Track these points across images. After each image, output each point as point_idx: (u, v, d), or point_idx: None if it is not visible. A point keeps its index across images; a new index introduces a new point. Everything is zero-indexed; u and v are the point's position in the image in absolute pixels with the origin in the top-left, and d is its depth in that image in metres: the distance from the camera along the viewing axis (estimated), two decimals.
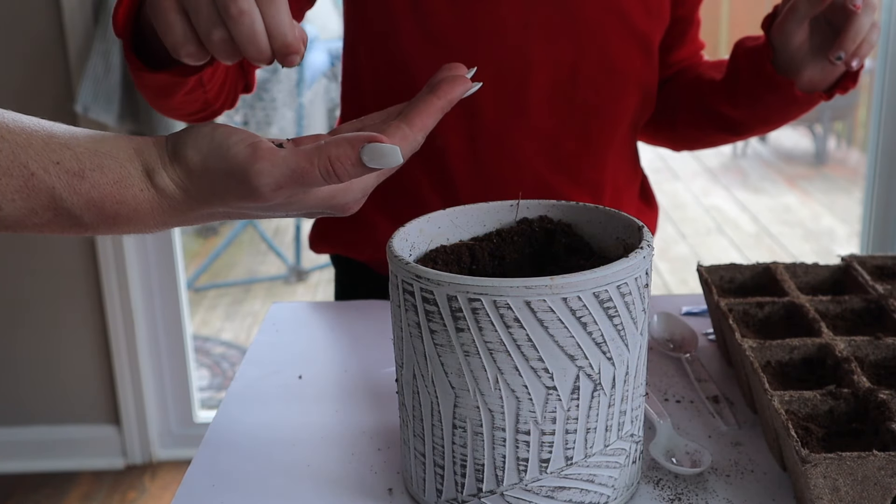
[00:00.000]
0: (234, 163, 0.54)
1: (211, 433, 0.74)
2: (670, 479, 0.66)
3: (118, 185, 0.56)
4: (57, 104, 2.06)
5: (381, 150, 0.53)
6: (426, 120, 0.57)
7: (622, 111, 0.99)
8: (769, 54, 0.89)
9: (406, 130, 0.56)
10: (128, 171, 0.56)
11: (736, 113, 0.98)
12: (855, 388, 0.65)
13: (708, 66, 1.04)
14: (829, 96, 0.91)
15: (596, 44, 0.94)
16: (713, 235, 4.25)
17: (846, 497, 0.58)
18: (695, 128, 1.05)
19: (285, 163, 0.54)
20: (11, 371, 2.26)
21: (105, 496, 2.21)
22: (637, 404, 0.62)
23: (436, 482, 0.62)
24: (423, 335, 0.58)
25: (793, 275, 0.84)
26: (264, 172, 0.54)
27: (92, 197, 0.56)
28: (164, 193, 0.57)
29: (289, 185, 0.54)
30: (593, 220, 0.68)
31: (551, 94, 0.95)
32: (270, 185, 0.54)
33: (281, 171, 0.54)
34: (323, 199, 0.58)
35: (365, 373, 0.83)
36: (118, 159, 0.56)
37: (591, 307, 0.56)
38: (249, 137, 0.56)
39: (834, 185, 5.00)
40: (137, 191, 0.57)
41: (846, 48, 0.82)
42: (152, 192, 0.57)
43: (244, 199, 0.56)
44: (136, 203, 0.57)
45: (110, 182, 0.56)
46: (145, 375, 2.27)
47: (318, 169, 0.53)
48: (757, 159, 5.54)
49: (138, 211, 0.57)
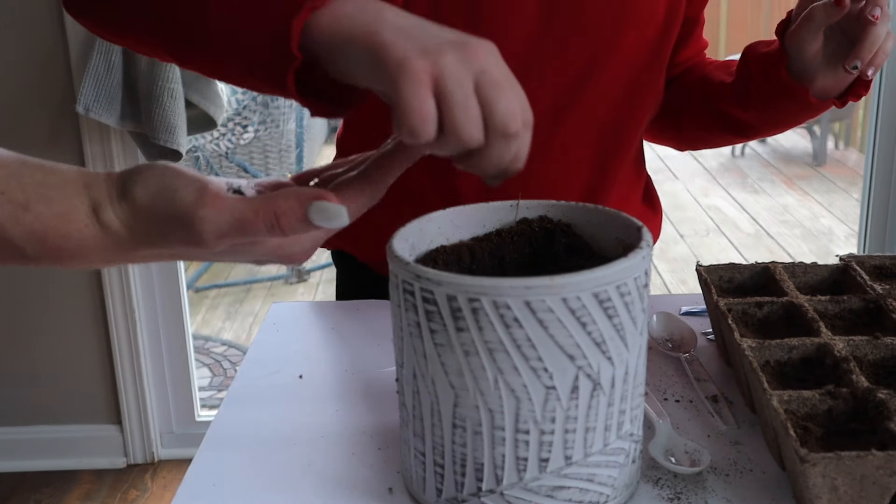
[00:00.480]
0: (180, 206, 0.53)
1: (212, 432, 0.74)
2: (669, 479, 0.67)
3: (62, 218, 0.55)
4: (58, 105, 2.06)
5: (328, 210, 0.52)
6: (388, 175, 0.57)
7: (636, 123, 0.99)
8: (784, 61, 0.89)
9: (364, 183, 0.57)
10: (73, 205, 0.55)
11: (746, 116, 0.98)
12: (853, 387, 0.65)
13: (715, 66, 1.04)
14: (842, 103, 0.91)
15: (611, 53, 0.94)
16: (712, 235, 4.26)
17: (845, 496, 0.58)
18: (701, 128, 1.05)
19: (231, 211, 0.53)
20: (13, 370, 2.26)
21: (106, 495, 2.22)
22: (636, 404, 0.62)
23: (436, 481, 0.62)
24: (423, 335, 0.58)
25: (791, 275, 0.84)
26: (208, 219, 0.53)
27: (35, 229, 0.54)
28: (109, 231, 0.56)
29: (232, 234, 0.53)
30: (593, 220, 0.69)
31: (562, 102, 0.95)
32: (214, 233, 0.53)
33: (225, 219, 0.53)
34: (270, 250, 0.58)
35: (365, 373, 0.84)
36: (65, 192, 0.55)
37: (590, 307, 0.56)
38: (198, 181, 0.54)
39: (832, 186, 5.00)
40: (82, 226, 0.55)
41: (862, 57, 0.83)
42: (97, 228, 0.55)
43: (188, 244, 0.55)
44: (81, 238, 0.55)
45: (54, 215, 0.55)
46: (147, 375, 2.27)
47: (262, 221, 0.53)
48: (756, 160, 5.54)
49: (82, 246, 0.56)
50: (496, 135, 0.54)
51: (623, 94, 0.96)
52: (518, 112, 0.55)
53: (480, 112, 0.54)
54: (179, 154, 2.04)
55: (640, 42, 0.95)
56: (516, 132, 0.55)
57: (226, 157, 3.52)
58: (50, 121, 2.09)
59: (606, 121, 0.97)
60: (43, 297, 2.20)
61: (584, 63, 0.93)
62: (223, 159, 3.59)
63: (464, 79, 0.53)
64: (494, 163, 0.56)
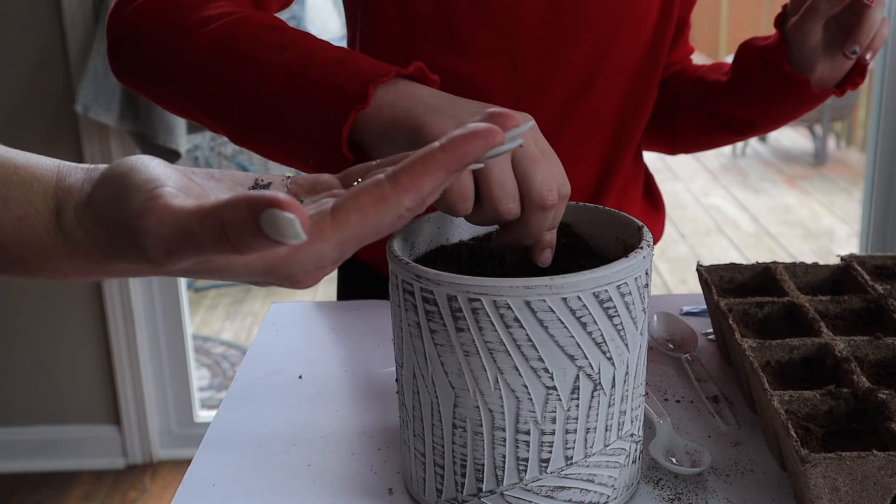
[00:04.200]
0: (126, 214, 0.43)
1: (211, 433, 0.74)
2: (670, 479, 0.66)
3: (20, 223, 0.46)
4: (57, 104, 2.07)
5: (277, 219, 0.37)
6: (420, 180, 0.41)
7: (638, 120, 0.99)
8: (785, 53, 0.90)
9: (386, 191, 0.41)
10: (35, 208, 0.46)
11: (745, 113, 0.98)
12: (854, 387, 0.65)
13: (707, 68, 1.05)
14: (841, 92, 0.92)
15: (614, 48, 0.94)
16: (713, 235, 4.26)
17: (846, 497, 0.58)
18: (697, 130, 1.05)
19: (174, 223, 0.41)
20: (12, 371, 2.26)
21: (105, 496, 2.22)
22: (637, 404, 0.62)
23: (436, 482, 0.62)
24: (423, 335, 0.58)
25: (792, 275, 0.84)
26: (150, 232, 0.42)
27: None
28: (71, 239, 0.46)
29: (181, 251, 0.41)
30: (593, 220, 0.68)
31: (568, 100, 0.95)
32: (160, 249, 0.42)
33: (168, 231, 0.41)
34: (259, 270, 0.45)
35: (365, 373, 0.84)
36: (27, 192, 0.47)
37: (590, 307, 0.56)
38: (159, 182, 0.43)
39: (833, 185, 5.01)
40: (43, 232, 0.46)
41: (860, 42, 0.84)
42: (59, 237, 0.47)
43: (140, 260, 0.44)
44: (42, 246, 0.47)
45: (13, 219, 0.46)
46: (146, 375, 2.27)
47: (208, 234, 0.40)
48: (757, 159, 5.54)
49: (46, 256, 0.47)
50: (534, 207, 0.55)
51: (626, 90, 0.97)
52: (554, 185, 0.56)
53: (517, 185, 0.55)
54: (178, 154, 2.04)
55: (638, 39, 0.95)
56: (553, 205, 0.55)
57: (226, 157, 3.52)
58: (49, 120, 2.09)
59: (611, 118, 0.97)
60: (41, 298, 2.20)
61: (589, 59, 0.93)
62: (223, 159, 3.59)
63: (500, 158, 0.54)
64: (532, 234, 0.57)
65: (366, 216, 0.42)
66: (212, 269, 0.45)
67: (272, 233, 0.37)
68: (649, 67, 0.98)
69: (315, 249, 0.43)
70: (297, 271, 0.45)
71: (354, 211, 0.42)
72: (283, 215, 0.37)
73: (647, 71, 0.97)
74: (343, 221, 0.42)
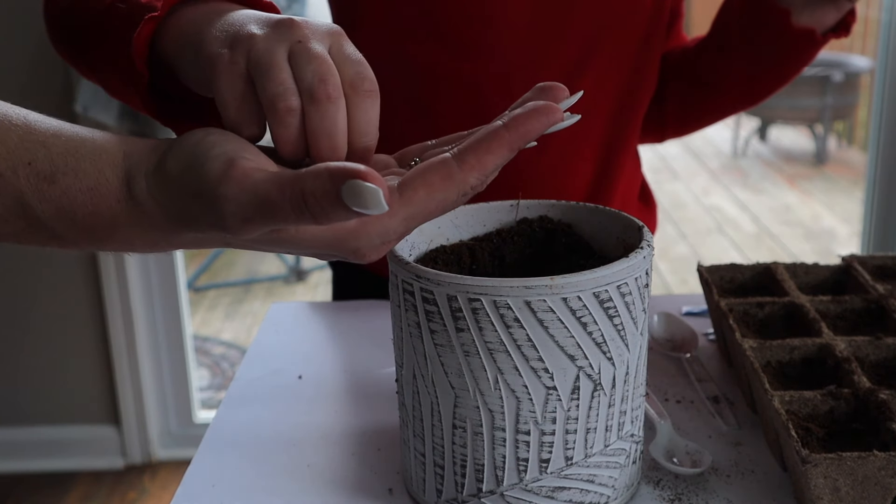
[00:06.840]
0: (204, 182, 0.44)
1: (211, 433, 0.74)
2: (670, 480, 0.66)
3: (91, 192, 0.47)
4: (57, 104, 2.06)
5: (361, 189, 0.39)
6: (485, 158, 0.44)
7: (635, 115, 0.99)
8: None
9: (453, 169, 0.44)
10: (105, 178, 0.47)
11: (725, 62, 0.99)
12: (855, 388, 0.65)
13: (692, 39, 1.06)
14: (823, 39, 0.92)
15: (606, 42, 0.94)
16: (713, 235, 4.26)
17: (846, 497, 0.58)
18: (681, 100, 1.04)
19: (255, 190, 0.42)
20: (11, 371, 2.26)
21: (105, 496, 2.21)
22: (637, 404, 0.62)
23: (436, 482, 0.62)
24: (423, 335, 0.58)
25: (793, 275, 0.84)
26: (229, 198, 0.43)
27: (62, 205, 0.47)
28: (142, 208, 0.47)
29: (258, 220, 0.43)
30: (593, 220, 0.68)
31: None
32: (237, 216, 0.43)
33: (248, 198, 0.42)
34: (327, 242, 0.46)
35: (365, 373, 0.83)
36: (97, 162, 0.47)
37: (591, 307, 0.56)
38: (235, 151, 0.45)
39: (834, 185, 5.00)
40: (114, 201, 0.47)
41: None
42: (130, 206, 0.47)
43: (215, 228, 0.45)
44: (112, 216, 0.47)
45: (84, 189, 0.47)
46: (145, 375, 2.27)
47: (289, 203, 0.41)
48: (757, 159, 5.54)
49: (116, 226, 0.48)
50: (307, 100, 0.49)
51: (621, 83, 0.96)
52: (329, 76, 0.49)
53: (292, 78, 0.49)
54: None
55: (630, 29, 0.95)
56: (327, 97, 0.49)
57: None
58: None
59: (606, 112, 0.97)
60: (40, 297, 2.20)
61: (579, 51, 0.93)
62: None
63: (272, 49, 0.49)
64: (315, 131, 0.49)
65: (433, 192, 0.44)
66: (281, 240, 0.46)
67: (353, 203, 0.39)
68: (644, 58, 0.97)
69: (382, 224, 0.45)
70: (364, 245, 0.46)
71: (422, 187, 0.44)
72: (366, 186, 0.38)
73: (641, 62, 0.97)
74: (410, 197, 0.44)
